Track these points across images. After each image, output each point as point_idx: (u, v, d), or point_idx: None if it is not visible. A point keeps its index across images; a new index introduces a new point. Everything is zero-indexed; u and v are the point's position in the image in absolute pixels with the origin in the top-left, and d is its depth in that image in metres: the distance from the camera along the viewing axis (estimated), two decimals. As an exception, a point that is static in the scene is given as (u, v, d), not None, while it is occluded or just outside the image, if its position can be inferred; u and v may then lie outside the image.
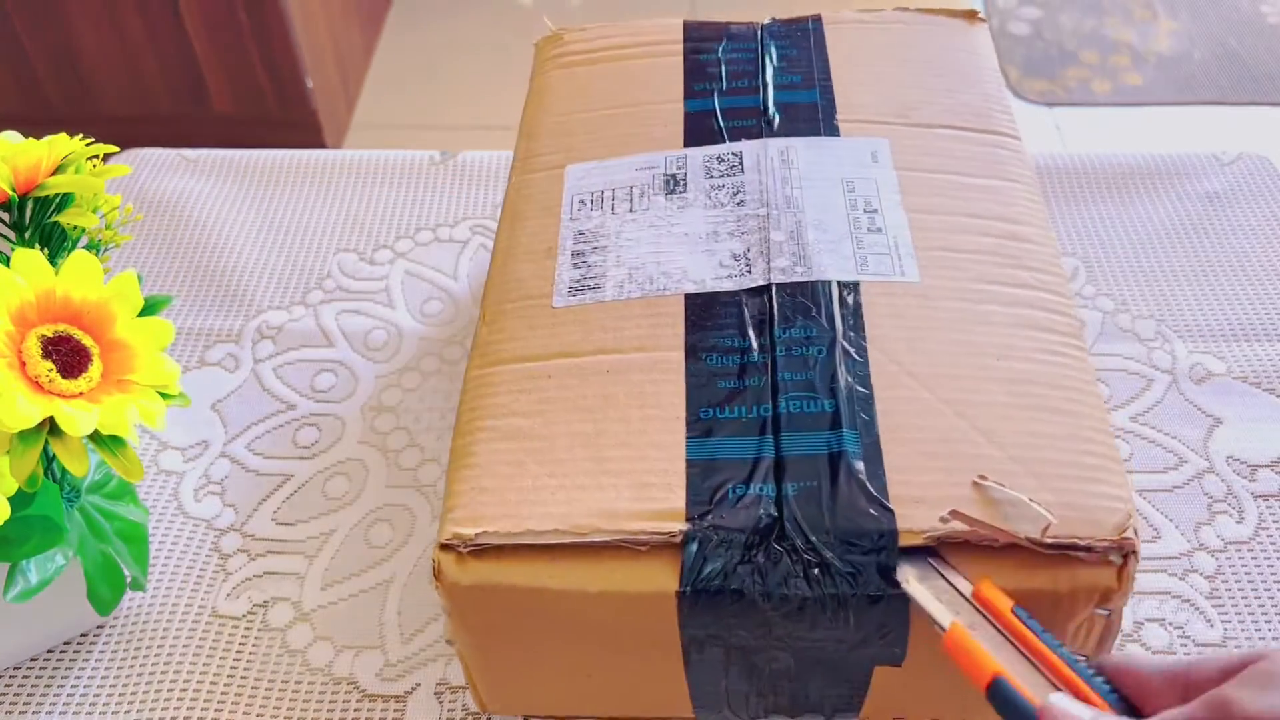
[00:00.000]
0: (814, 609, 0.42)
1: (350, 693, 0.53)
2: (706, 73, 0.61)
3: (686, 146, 0.57)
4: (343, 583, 0.58)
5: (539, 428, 0.46)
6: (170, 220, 0.78)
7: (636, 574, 0.42)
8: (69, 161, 0.48)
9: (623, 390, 0.47)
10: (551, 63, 0.65)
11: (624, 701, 0.50)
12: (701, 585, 0.41)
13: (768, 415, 0.45)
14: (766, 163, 0.55)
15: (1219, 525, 0.59)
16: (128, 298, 0.45)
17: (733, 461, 0.44)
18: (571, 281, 0.51)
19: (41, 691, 0.54)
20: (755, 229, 0.52)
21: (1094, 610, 0.42)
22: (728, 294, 0.49)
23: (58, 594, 0.48)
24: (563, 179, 0.57)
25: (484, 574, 0.42)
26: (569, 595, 0.42)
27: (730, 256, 0.51)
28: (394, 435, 0.64)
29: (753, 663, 0.45)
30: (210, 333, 0.70)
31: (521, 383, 0.48)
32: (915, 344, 0.47)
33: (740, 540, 0.41)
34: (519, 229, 0.55)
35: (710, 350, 0.47)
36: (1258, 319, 0.69)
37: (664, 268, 0.51)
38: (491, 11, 2.08)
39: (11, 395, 0.40)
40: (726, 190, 0.54)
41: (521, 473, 0.44)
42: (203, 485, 0.62)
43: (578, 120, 0.60)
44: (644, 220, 0.53)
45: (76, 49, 1.66)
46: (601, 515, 0.42)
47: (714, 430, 0.45)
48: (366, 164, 0.82)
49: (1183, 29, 2.00)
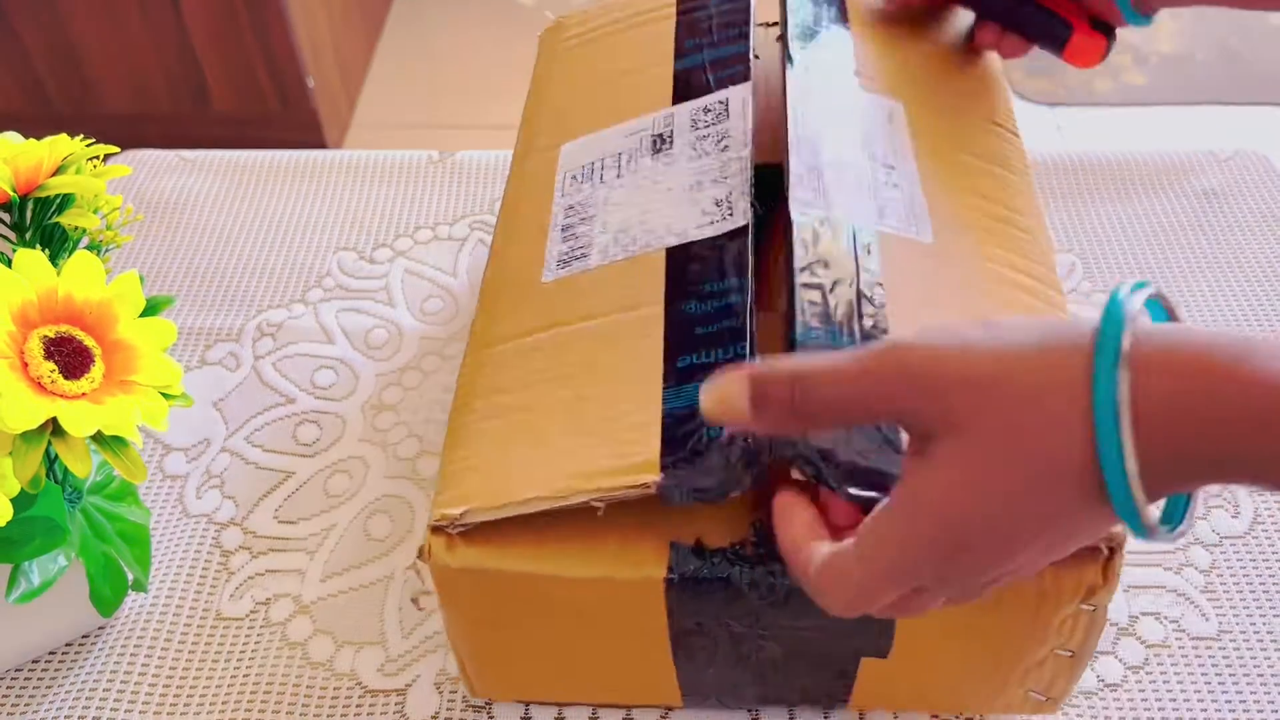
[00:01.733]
0: (800, 599, 0.42)
1: (353, 687, 0.54)
2: (698, 28, 0.60)
3: (675, 104, 0.56)
4: (342, 575, 0.58)
5: (526, 401, 0.45)
6: (171, 220, 0.78)
7: (624, 560, 0.42)
8: (69, 162, 0.48)
9: (604, 352, 0.46)
10: (551, 53, 0.64)
11: (614, 688, 0.50)
12: (690, 573, 0.41)
13: (744, 353, 0.43)
14: (757, 102, 0.54)
15: (1214, 519, 0.59)
16: (130, 298, 0.45)
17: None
18: (560, 255, 0.51)
19: (43, 692, 0.54)
20: (738, 171, 0.50)
21: (1079, 605, 0.42)
22: (708, 240, 0.48)
23: (60, 595, 0.49)
24: (557, 159, 0.56)
25: (472, 558, 0.42)
26: (557, 581, 0.42)
27: (713, 203, 0.49)
28: (395, 433, 0.64)
29: (741, 651, 0.45)
30: (211, 332, 0.70)
31: (510, 360, 0.47)
32: (928, 301, 0.47)
33: (716, 481, 0.40)
34: (514, 215, 0.55)
35: (689, 298, 0.46)
36: (1254, 314, 0.69)
37: (648, 225, 0.50)
38: (491, 11, 2.09)
39: (14, 396, 0.40)
40: (711, 139, 0.53)
41: (509, 448, 0.44)
42: (204, 480, 0.62)
43: (572, 101, 0.60)
44: (631, 183, 0.53)
45: (77, 48, 1.66)
46: (579, 476, 0.41)
47: (691, 376, 0.43)
48: (366, 163, 0.82)
49: (1184, 29, 2.00)
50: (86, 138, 0.50)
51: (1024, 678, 0.46)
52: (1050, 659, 0.45)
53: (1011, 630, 0.43)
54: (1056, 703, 0.48)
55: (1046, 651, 0.44)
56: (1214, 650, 0.54)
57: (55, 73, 1.69)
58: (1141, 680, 0.53)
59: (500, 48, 2.00)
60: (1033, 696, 0.47)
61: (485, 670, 0.49)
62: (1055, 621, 0.43)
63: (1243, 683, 0.53)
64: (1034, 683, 0.47)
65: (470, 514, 0.42)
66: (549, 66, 0.63)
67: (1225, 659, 0.53)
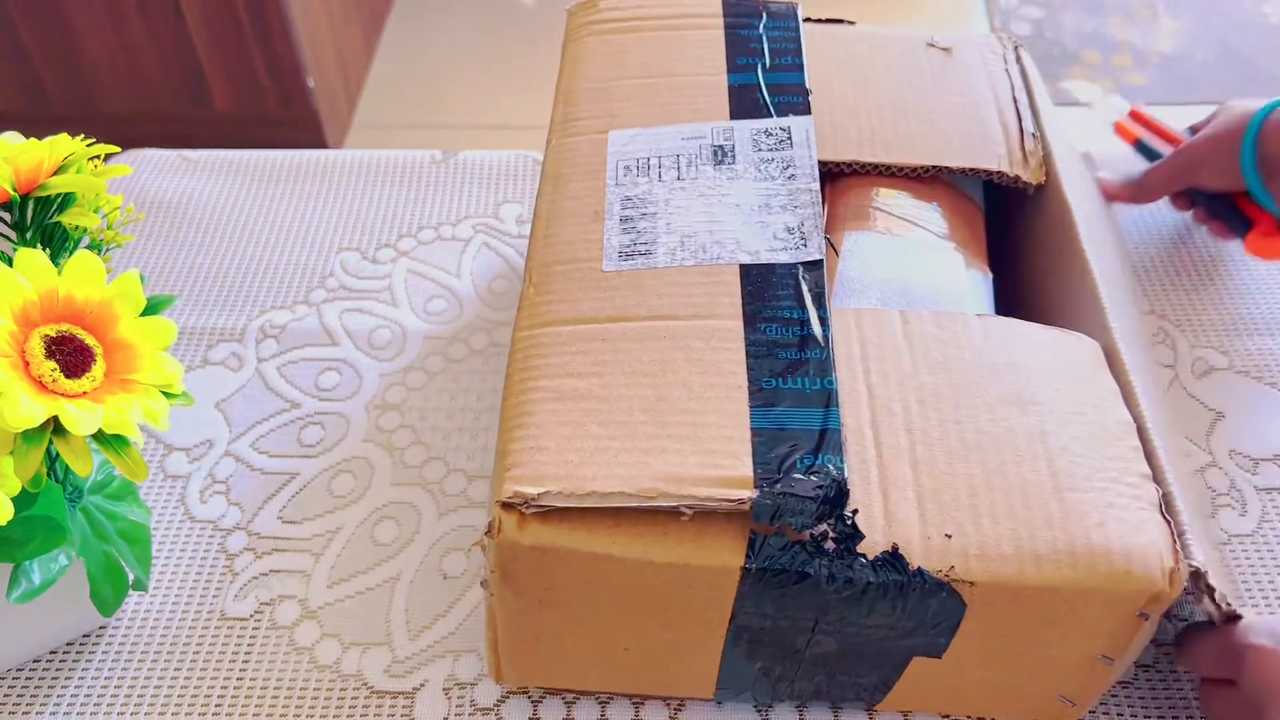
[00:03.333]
0: (875, 594, 0.42)
1: (359, 690, 0.53)
2: (749, 48, 0.61)
3: (733, 119, 0.57)
4: (349, 580, 0.58)
5: (596, 389, 0.45)
6: (172, 220, 0.78)
7: (702, 547, 0.42)
8: (70, 162, 0.48)
9: (681, 356, 0.46)
10: (585, 29, 0.64)
11: (648, 679, 0.50)
12: (767, 564, 0.41)
13: (832, 388, 0.45)
14: (815, 139, 0.55)
15: (1222, 518, 0.59)
16: (130, 297, 0.45)
17: (800, 432, 0.43)
18: (621, 246, 0.51)
19: (45, 692, 0.54)
20: (808, 204, 0.52)
21: (1137, 614, 0.42)
22: (784, 265, 0.49)
23: (60, 594, 0.48)
24: (605, 144, 0.57)
25: (545, 536, 0.42)
26: (630, 564, 0.42)
27: (784, 229, 0.51)
28: (399, 433, 0.64)
29: (795, 645, 0.45)
30: (213, 332, 0.70)
31: (575, 344, 0.47)
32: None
33: (811, 510, 0.41)
34: (561, 192, 0.55)
35: (770, 320, 0.47)
36: (1259, 314, 0.68)
37: (716, 236, 0.51)
38: (491, 11, 2.08)
39: (15, 395, 0.40)
40: (776, 164, 0.54)
41: (581, 433, 0.44)
42: (208, 485, 0.62)
43: (617, 87, 0.60)
44: (693, 189, 0.53)
45: (78, 48, 1.66)
46: (667, 480, 0.42)
47: (777, 400, 0.44)
48: (367, 163, 0.82)
49: (1184, 29, 2.00)
50: (87, 138, 0.50)
51: (1061, 683, 0.46)
52: (1091, 666, 0.45)
53: (1070, 635, 0.43)
54: (1080, 710, 0.48)
55: (1093, 658, 0.44)
56: (1223, 650, 0.54)
57: (55, 73, 1.69)
58: (1152, 679, 0.53)
59: (500, 48, 1.99)
60: (1060, 702, 0.47)
61: (519, 655, 0.49)
62: (1111, 628, 0.43)
63: (1252, 682, 0.52)
64: (1068, 688, 0.47)
65: (548, 496, 0.42)
66: (584, 45, 0.63)
67: (1235, 658, 0.53)
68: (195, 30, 1.63)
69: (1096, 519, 0.42)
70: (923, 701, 0.50)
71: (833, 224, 0.57)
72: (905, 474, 0.43)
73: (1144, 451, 0.45)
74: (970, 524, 0.42)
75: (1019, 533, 0.42)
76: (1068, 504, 0.42)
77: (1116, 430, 0.45)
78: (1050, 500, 0.42)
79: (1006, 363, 0.47)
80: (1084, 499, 0.42)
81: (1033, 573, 0.41)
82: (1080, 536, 0.41)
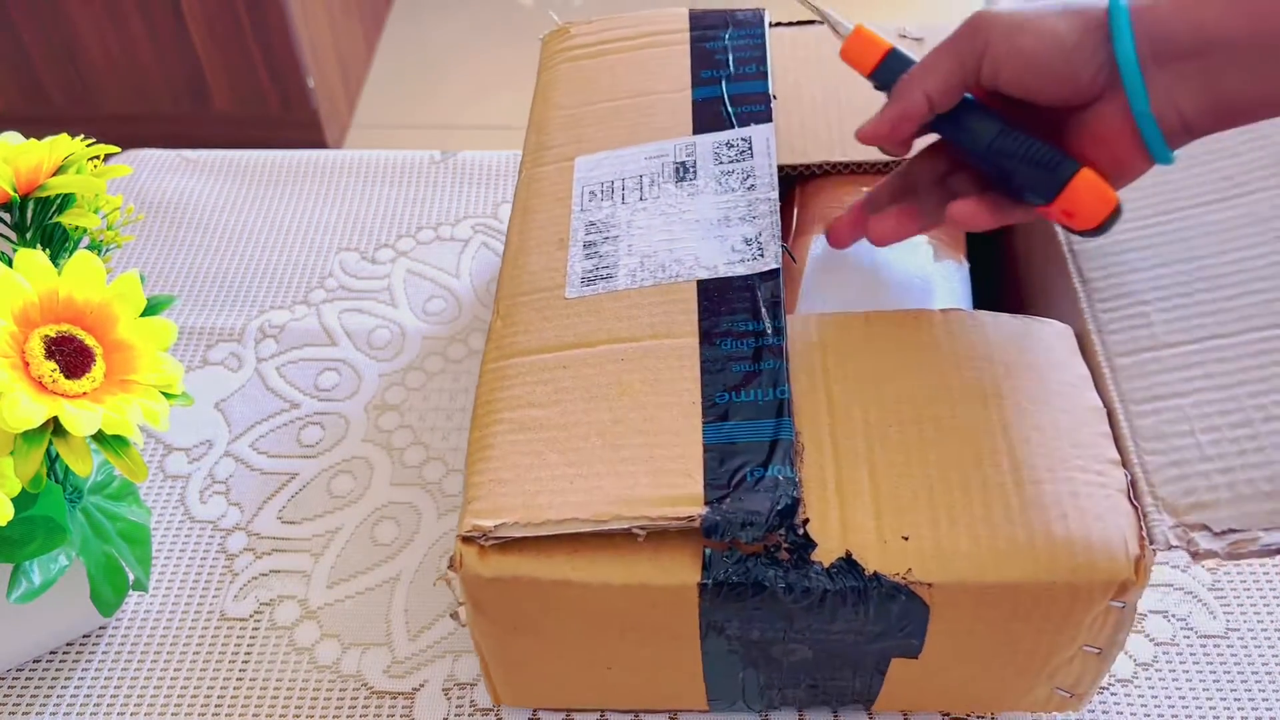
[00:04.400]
0: (834, 601, 0.42)
1: (359, 690, 0.54)
2: (714, 60, 0.61)
3: (695, 134, 0.57)
4: (349, 580, 0.58)
5: (555, 417, 0.46)
6: (171, 220, 0.78)
7: (658, 566, 0.42)
8: (70, 162, 0.48)
9: (638, 377, 0.47)
10: (558, 56, 0.65)
11: (639, 694, 0.50)
12: (723, 578, 0.42)
13: (785, 397, 0.45)
14: (775, 147, 0.55)
15: None
16: (130, 298, 0.45)
17: (750, 444, 0.43)
18: (584, 272, 0.51)
19: (45, 692, 0.54)
20: (766, 213, 0.52)
21: (1110, 603, 0.42)
22: (740, 278, 0.49)
23: (60, 595, 0.48)
24: (572, 170, 0.57)
25: (505, 567, 0.42)
26: (590, 588, 0.42)
27: (742, 241, 0.51)
28: (398, 434, 0.64)
29: (771, 654, 0.45)
30: (213, 332, 0.70)
31: (537, 374, 0.48)
32: None
33: (761, 522, 0.41)
34: (530, 222, 0.55)
35: (725, 335, 0.47)
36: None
37: (676, 254, 0.51)
38: (491, 11, 2.08)
39: (15, 396, 0.40)
40: (736, 175, 0.54)
41: (540, 463, 0.44)
42: (208, 485, 0.62)
43: (586, 112, 0.60)
44: (655, 208, 0.53)
45: (78, 48, 1.66)
46: (620, 503, 0.42)
47: (730, 414, 0.44)
48: (368, 163, 0.82)
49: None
50: (87, 138, 0.50)
51: (1052, 675, 0.46)
52: (1078, 656, 0.45)
53: (1044, 629, 0.43)
54: (1081, 699, 0.48)
55: (1075, 649, 0.44)
56: (1221, 648, 0.54)
57: (55, 73, 1.69)
58: (1151, 677, 0.53)
59: (500, 48, 1.99)
60: (1058, 694, 0.47)
61: (512, 678, 0.49)
62: (1086, 619, 0.43)
63: (1250, 680, 0.52)
64: (1061, 680, 0.47)
65: (505, 528, 0.42)
66: (556, 73, 0.64)
67: (1233, 657, 0.53)
68: (195, 30, 1.63)
69: (1059, 511, 0.42)
70: (920, 700, 0.50)
71: (803, 227, 0.57)
72: (862, 478, 0.43)
73: (1113, 436, 0.45)
74: (927, 525, 0.42)
75: (977, 530, 0.42)
76: (1028, 497, 0.42)
77: (1085, 417, 0.45)
78: (1011, 494, 0.42)
79: (970, 357, 0.47)
80: (1046, 491, 0.42)
81: (992, 570, 0.41)
82: (1041, 530, 0.41)
